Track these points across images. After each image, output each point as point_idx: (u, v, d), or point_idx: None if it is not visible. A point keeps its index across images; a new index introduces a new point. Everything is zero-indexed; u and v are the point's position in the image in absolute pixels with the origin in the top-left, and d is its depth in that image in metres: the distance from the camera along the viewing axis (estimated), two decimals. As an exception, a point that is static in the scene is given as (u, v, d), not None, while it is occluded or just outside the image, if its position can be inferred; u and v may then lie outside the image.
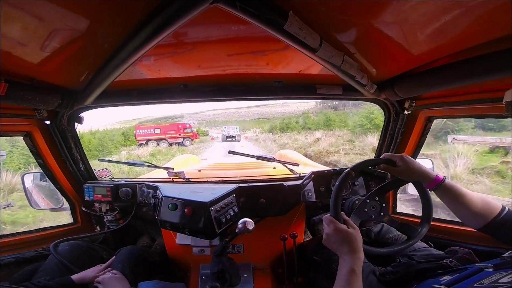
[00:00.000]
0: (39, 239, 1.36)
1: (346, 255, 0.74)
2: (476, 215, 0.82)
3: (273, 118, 42.81)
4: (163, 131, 21.85)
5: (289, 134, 26.24)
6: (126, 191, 1.40)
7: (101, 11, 0.62)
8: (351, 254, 0.74)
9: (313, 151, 12.45)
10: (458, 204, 0.85)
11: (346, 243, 0.76)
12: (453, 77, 0.83)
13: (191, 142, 22.49)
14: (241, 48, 0.95)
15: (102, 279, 1.01)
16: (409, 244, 1.05)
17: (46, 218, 4.25)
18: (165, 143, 21.30)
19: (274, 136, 25.95)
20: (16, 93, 0.84)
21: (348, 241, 0.76)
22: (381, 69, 1.04)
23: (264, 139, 24.56)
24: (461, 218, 0.88)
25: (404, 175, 0.97)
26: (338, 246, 0.77)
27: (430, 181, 0.90)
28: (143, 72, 1.12)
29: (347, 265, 0.72)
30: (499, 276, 0.55)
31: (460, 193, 0.85)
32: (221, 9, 0.59)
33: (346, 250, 0.74)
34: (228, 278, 1.05)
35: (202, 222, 1.05)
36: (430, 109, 1.26)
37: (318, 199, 1.35)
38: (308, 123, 30.65)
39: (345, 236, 0.77)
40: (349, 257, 0.73)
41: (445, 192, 0.87)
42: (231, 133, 25.57)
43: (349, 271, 0.70)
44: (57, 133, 1.29)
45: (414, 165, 0.93)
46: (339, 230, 0.78)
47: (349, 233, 0.77)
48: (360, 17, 0.68)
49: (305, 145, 15.51)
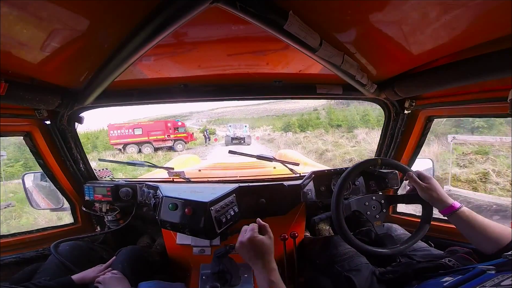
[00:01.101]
0: (39, 239, 1.36)
1: (261, 269, 0.73)
2: (490, 241, 0.83)
3: (283, 115, 40.79)
4: (146, 132, 16.54)
5: (314, 133, 20.97)
6: (126, 191, 1.40)
7: (101, 11, 0.62)
8: (265, 267, 0.73)
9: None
10: (471, 230, 0.87)
11: (261, 256, 0.74)
12: (453, 77, 0.83)
13: (184, 146, 17.41)
14: (241, 48, 0.95)
15: (102, 279, 1.01)
16: (409, 244, 1.05)
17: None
18: (149, 148, 16.51)
19: (297, 136, 19.81)
20: (16, 93, 0.84)
21: (262, 254, 0.74)
22: (381, 68, 1.04)
23: (285, 142, 18.43)
24: (474, 244, 0.89)
25: (424, 194, 1.01)
26: (251, 257, 0.75)
27: (445, 207, 0.93)
28: (143, 72, 1.12)
29: (266, 279, 0.71)
30: (502, 279, 0.55)
31: (474, 221, 0.87)
32: (221, 9, 0.59)
33: (260, 264, 0.73)
34: (228, 278, 1.05)
35: (202, 222, 1.05)
36: (430, 109, 1.26)
37: (318, 199, 1.35)
38: (334, 119, 24.35)
39: (260, 248, 0.75)
40: (264, 270, 0.72)
41: (458, 219, 0.90)
42: (238, 133, 19.22)
43: (270, 284, 0.70)
44: (57, 133, 1.29)
45: (438, 190, 0.98)
46: (255, 240, 0.76)
47: (265, 245, 0.76)
48: (360, 17, 0.68)
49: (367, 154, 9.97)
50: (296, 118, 29.24)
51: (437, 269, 0.84)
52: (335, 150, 11.97)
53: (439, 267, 0.86)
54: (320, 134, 19.46)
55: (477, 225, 0.86)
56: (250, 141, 19.00)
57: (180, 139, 17.42)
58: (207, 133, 22.40)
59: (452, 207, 0.92)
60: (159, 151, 16.13)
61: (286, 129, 26.67)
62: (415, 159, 1.44)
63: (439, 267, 0.86)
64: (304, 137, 18.62)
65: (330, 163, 10.13)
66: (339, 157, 10.63)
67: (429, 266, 0.88)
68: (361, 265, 1.02)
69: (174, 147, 16.89)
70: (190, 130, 25.56)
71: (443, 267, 0.86)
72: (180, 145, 17.24)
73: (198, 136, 25.11)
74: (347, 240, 1.05)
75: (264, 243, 0.76)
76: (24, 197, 1.58)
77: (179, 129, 17.80)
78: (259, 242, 0.76)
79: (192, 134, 20.06)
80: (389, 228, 1.28)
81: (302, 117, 29.37)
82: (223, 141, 19.95)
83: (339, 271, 1.03)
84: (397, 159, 1.43)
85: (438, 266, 0.87)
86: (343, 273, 1.01)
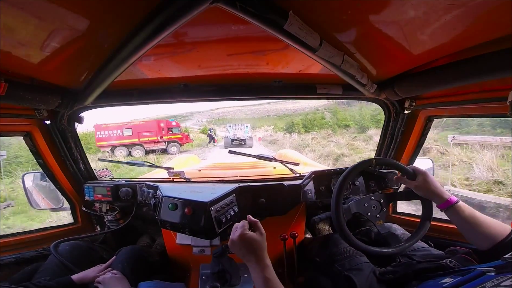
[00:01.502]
0: (39, 239, 1.36)
1: (255, 265, 0.73)
2: (484, 237, 0.82)
3: (284, 115, 40.40)
4: (136, 133, 14.80)
5: (320, 133, 19.66)
6: (126, 191, 1.40)
7: (101, 11, 0.62)
8: (258, 263, 0.73)
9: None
10: (467, 225, 0.87)
11: (253, 252, 0.74)
12: (453, 77, 0.83)
13: (179, 148, 15.59)
14: (241, 48, 0.95)
15: (102, 279, 1.01)
16: (409, 244, 1.05)
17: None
18: (140, 151, 14.85)
19: (303, 138, 18.13)
20: (16, 93, 0.84)
21: (254, 250, 0.74)
22: (381, 68, 1.05)
23: (290, 143, 16.63)
24: (468, 239, 0.89)
25: (419, 191, 1.01)
26: (244, 254, 0.75)
27: (442, 202, 0.93)
28: (143, 72, 1.12)
29: (260, 275, 0.71)
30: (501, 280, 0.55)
31: (470, 216, 0.86)
32: (221, 9, 0.59)
33: (254, 260, 0.73)
34: (228, 278, 1.05)
35: (202, 222, 1.05)
36: (430, 109, 1.26)
37: (318, 198, 1.35)
38: (341, 119, 23.03)
39: (251, 245, 0.75)
40: (257, 266, 0.72)
41: (455, 213, 0.89)
42: (238, 134, 17.35)
43: (264, 281, 0.70)
44: (57, 133, 1.29)
45: (433, 184, 0.97)
46: (245, 237, 0.76)
47: (256, 241, 0.76)
48: (360, 17, 0.68)
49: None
50: (300, 118, 28.16)
51: (437, 270, 0.84)
52: (353, 155, 10.53)
53: (440, 267, 0.86)
54: (328, 135, 18.06)
55: (473, 220, 0.85)
56: (252, 143, 17.18)
57: (175, 141, 15.69)
58: (211, 132, 20.79)
59: (448, 201, 0.91)
60: (150, 154, 14.15)
61: (289, 129, 25.21)
62: (415, 159, 1.44)
63: (440, 267, 0.86)
64: (311, 139, 16.66)
65: (341, 160, 9.22)
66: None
67: (429, 267, 0.88)
68: (362, 264, 1.02)
69: (168, 150, 15.26)
70: (189, 130, 24.40)
71: (443, 267, 0.86)
72: (175, 147, 15.46)
73: (198, 137, 24.25)
74: (347, 241, 1.05)
75: (255, 239, 0.76)
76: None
77: (173, 129, 15.91)
78: (250, 238, 0.76)
79: (188, 136, 18.32)
80: (389, 228, 1.28)
81: (306, 117, 28.00)
82: (222, 143, 18.22)
83: (339, 270, 1.03)
84: (397, 159, 1.43)
85: (438, 266, 0.87)
86: (343, 273, 1.01)
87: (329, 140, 15.39)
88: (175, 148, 15.46)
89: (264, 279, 0.70)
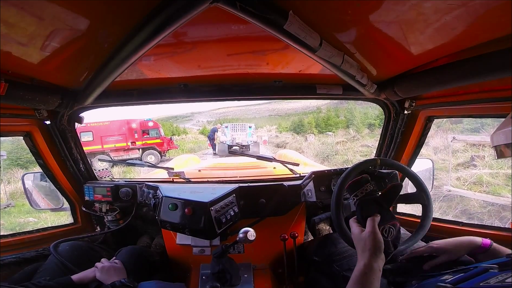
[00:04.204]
0: (39, 239, 1.36)
1: (372, 256, 0.73)
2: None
3: (286, 115, 39.42)
4: (98, 137, 10.90)
5: (340, 135, 16.17)
6: (126, 191, 1.40)
7: (101, 11, 0.62)
8: (377, 256, 0.73)
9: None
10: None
11: (378, 248, 0.75)
12: (453, 77, 0.83)
13: (159, 158, 11.33)
14: (241, 48, 0.95)
15: (101, 267, 1.02)
16: (409, 244, 1.05)
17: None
18: (105, 162, 10.47)
19: (323, 141, 14.23)
20: (16, 93, 0.84)
21: (379, 246, 0.75)
22: (381, 68, 1.05)
23: (306, 146, 12.91)
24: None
25: (452, 254, 0.90)
26: (369, 248, 0.75)
27: (478, 247, 0.86)
28: (143, 72, 1.12)
29: (371, 264, 0.71)
30: (506, 276, 0.55)
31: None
32: (221, 9, 0.59)
33: (376, 254, 0.74)
34: (228, 278, 1.05)
35: (202, 222, 1.04)
36: (430, 109, 1.26)
37: (318, 199, 1.34)
38: (362, 118, 18.28)
39: (377, 241, 0.76)
40: (375, 257, 0.73)
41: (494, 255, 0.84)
42: (238, 138, 12.80)
43: (371, 269, 0.70)
44: (57, 133, 1.29)
45: (449, 242, 0.92)
46: (374, 233, 0.77)
47: (379, 240, 0.76)
48: (360, 17, 0.68)
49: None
50: (312, 116, 24.18)
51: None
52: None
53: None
54: (354, 137, 14.24)
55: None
56: (257, 151, 11.80)
57: (152, 147, 11.55)
58: (213, 134, 15.11)
59: (484, 245, 0.84)
60: (116, 166, 8.94)
61: (297, 129, 21.51)
62: (415, 159, 1.44)
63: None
64: (337, 143, 12.36)
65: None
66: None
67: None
68: None
69: (143, 159, 10.58)
70: (189, 131, 20.49)
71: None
72: (152, 156, 11.25)
73: (198, 138, 21.75)
74: (347, 241, 1.05)
75: (378, 237, 0.77)
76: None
77: (150, 132, 11.73)
78: (377, 235, 0.77)
79: (170, 140, 13.45)
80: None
81: (319, 115, 24.09)
82: (218, 149, 12.52)
83: (338, 271, 1.03)
84: (397, 159, 1.43)
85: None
86: (341, 273, 1.01)
87: (362, 145, 11.84)
88: (153, 157, 11.25)
89: (371, 268, 0.70)
